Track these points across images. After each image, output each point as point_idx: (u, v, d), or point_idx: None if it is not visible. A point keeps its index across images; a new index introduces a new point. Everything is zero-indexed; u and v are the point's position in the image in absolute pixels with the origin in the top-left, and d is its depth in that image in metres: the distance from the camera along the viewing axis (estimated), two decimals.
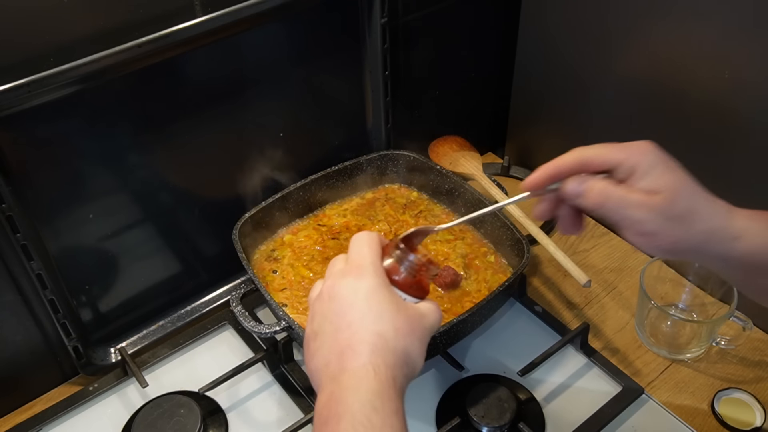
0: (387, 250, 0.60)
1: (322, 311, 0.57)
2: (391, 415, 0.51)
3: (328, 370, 0.54)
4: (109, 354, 0.94)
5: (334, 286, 0.57)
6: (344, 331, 0.55)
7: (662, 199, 0.56)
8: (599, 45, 1.01)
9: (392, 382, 0.52)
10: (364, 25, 0.97)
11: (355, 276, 0.57)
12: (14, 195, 0.76)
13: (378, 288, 0.56)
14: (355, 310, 0.55)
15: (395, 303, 0.56)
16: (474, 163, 1.12)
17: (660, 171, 0.57)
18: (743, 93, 0.85)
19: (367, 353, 0.53)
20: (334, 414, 0.51)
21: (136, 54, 0.75)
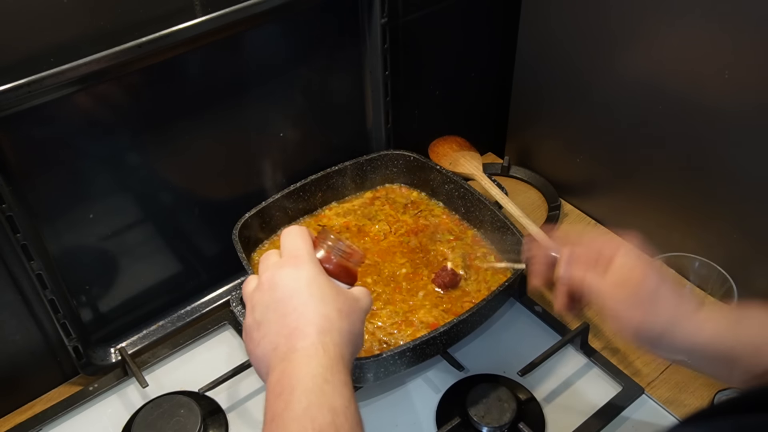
0: (317, 243, 0.65)
1: (264, 301, 0.61)
2: (340, 386, 0.55)
3: (277, 353, 0.57)
4: (109, 354, 0.94)
5: (273, 277, 0.61)
6: (290, 315, 0.58)
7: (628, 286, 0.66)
8: (599, 45, 1.01)
9: (340, 358, 0.57)
10: (364, 25, 0.97)
11: (293, 265, 0.61)
12: (14, 195, 0.76)
13: (317, 275, 0.61)
14: (299, 296, 0.59)
15: (334, 288, 0.61)
16: (474, 163, 1.12)
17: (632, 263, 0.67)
18: (743, 93, 0.85)
19: (314, 333, 0.57)
20: (287, 386, 0.54)
21: (136, 54, 0.75)
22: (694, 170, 0.96)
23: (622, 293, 0.66)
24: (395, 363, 0.83)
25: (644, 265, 0.67)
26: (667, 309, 0.65)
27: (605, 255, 0.68)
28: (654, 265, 0.67)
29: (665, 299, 0.65)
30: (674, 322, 0.64)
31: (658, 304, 0.65)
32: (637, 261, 0.67)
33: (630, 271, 0.66)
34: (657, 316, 0.65)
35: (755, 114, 0.85)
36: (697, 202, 0.98)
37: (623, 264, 0.67)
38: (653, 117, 0.98)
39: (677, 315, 0.64)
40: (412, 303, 0.93)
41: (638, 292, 0.65)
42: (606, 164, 1.10)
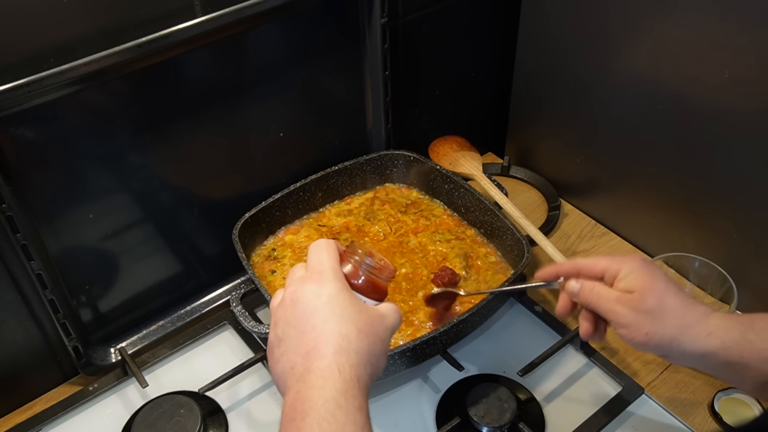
0: (345, 257, 0.63)
1: (286, 317, 0.59)
2: (354, 412, 0.53)
3: (294, 372, 0.56)
4: (109, 354, 0.94)
5: (296, 292, 0.60)
6: (308, 333, 0.57)
7: (635, 296, 0.66)
8: (599, 45, 1.01)
9: (356, 381, 0.55)
10: (364, 25, 0.97)
11: (316, 282, 0.59)
12: (14, 195, 0.76)
13: (339, 292, 0.59)
14: (319, 314, 0.57)
15: (356, 305, 0.59)
16: (474, 163, 1.12)
17: (637, 274, 0.67)
18: (743, 93, 0.85)
19: (331, 353, 0.55)
20: (299, 411, 0.53)
21: (136, 54, 0.75)
22: (694, 170, 0.96)
23: (628, 303, 0.66)
24: (395, 363, 0.83)
25: (649, 273, 0.67)
26: (674, 318, 0.65)
27: (609, 273, 0.69)
28: (660, 273, 0.68)
29: (672, 308, 0.65)
30: (683, 331, 0.65)
31: (664, 313, 0.65)
32: (641, 271, 0.67)
33: (635, 281, 0.67)
34: (664, 325, 0.65)
35: (755, 114, 0.85)
36: (697, 202, 0.98)
37: (628, 274, 0.67)
38: (653, 117, 0.98)
39: (685, 323, 0.65)
40: (412, 303, 0.93)
41: (644, 301, 0.66)
42: (606, 164, 1.10)
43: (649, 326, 0.65)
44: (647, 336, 0.65)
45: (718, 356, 0.64)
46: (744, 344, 0.63)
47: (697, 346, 0.64)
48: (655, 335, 0.65)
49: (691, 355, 0.65)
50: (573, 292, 0.71)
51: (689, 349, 0.65)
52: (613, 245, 1.11)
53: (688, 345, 0.65)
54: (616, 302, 0.67)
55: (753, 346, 0.63)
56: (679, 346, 0.65)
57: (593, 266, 0.71)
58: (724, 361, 0.64)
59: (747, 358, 0.63)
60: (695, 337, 0.64)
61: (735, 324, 0.64)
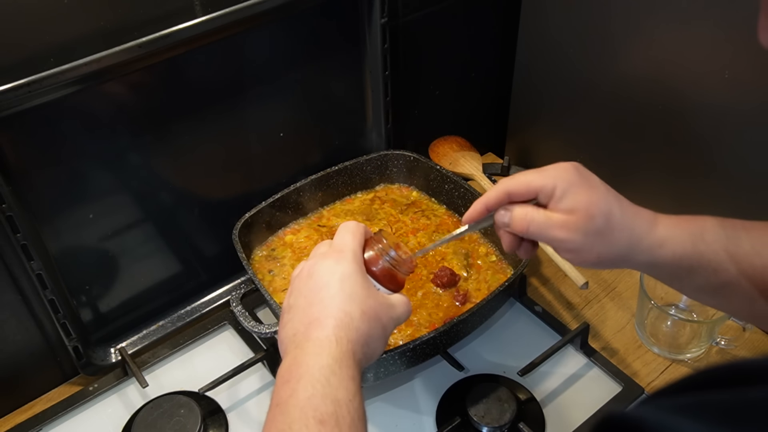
0: (370, 243, 0.65)
1: (300, 287, 0.62)
2: (347, 379, 0.55)
3: (295, 339, 0.59)
4: (109, 354, 0.94)
5: (314, 266, 0.63)
6: (315, 305, 0.60)
7: (578, 217, 0.60)
8: (599, 45, 1.01)
9: (351, 354, 0.57)
10: (364, 25, 0.97)
11: (334, 259, 0.62)
12: (14, 195, 0.76)
13: (353, 273, 0.61)
14: (329, 289, 0.60)
15: (366, 289, 0.61)
16: (474, 163, 1.12)
17: (576, 190, 0.60)
18: (743, 93, 0.85)
19: (332, 326, 0.58)
20: (295, 375, 0.55)
21: (136, 54, 0.75)
22: (695, 170, 0.96)
23: (572, 225, 0.60)
24: (395, 363, 0.83)
25: (588, 188, 0.61)
26: (623, 232, 0.61)
27: (546, 188, 0.61)
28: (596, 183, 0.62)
29: (619, 222, 0.61)
30: (634, 245, 0.61)
31: (613, 230, 0.60)
32: (579, 186, 0.61)
33: (575, 200, 0.60)
34: (615, 242, 0.61)
35: (755, 113, 0.85)
36: (697, 201, 0.98)
37: (565, 192, 0.61)
38: (653, 117, 0.98)
39: (635, 236, 0.61)
40: (412, 303, 0.93)
41: (590, 222, 0.60)
42: (606, 164, 1.10)
43: (600, 247, 0.61)
44: (599, 256, 0.61)
45: (669, 266, 0.62)
46: (694, 255, 0.61)
47: (648, 257, 0.61)
48: (607, 254, 0.61)
49: (641, 265, 0.63)
50: (503, 222, 0.64)
51: (641, 261, 0.62)
52: None
53: (639, 257, 0.61)
54: (559, 228, 0.60)
55: (702, 257, 0.61)
56: (631, 259, 0.62)
57: (525, 188, 0.62)
58: (673, 271, 0.62)
59: (695, 268, 0.61)
60: (647, 249, 0.61)
61: (685, 234, 0.62)
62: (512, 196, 0.63)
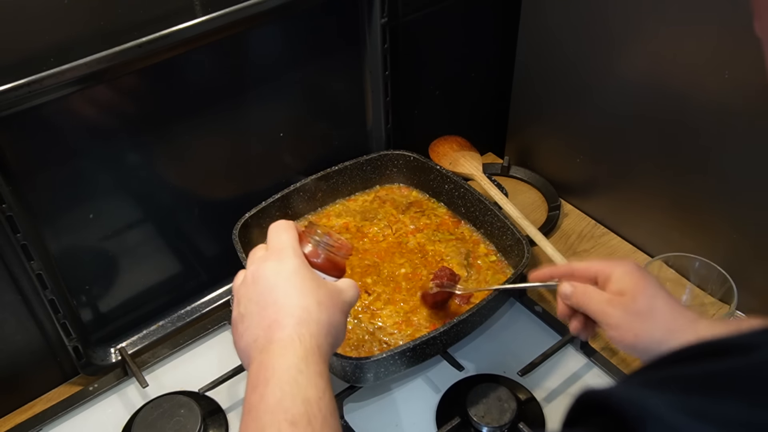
0: (304, 237, 0.66)
1: (248, 294, 0.62)
2: (315, 376, 0.56)
3: (257, 344, 0.59)
4: (109, 354, 0.94)
5: (257, 270, 0.63)
6: (270, 307, 0.60)
7: (626, 297, 0.67)
8: (599, 45, 1.01)
9: (316, 349, 0.58)
10: (364, 25, 0.97)
11: (276, 259, 0.63)
12: (14, 195, 0.76)
13: (299, 268, 0.62)
14: (279, 289, 0.61)
15: (315, 280, 0.62)
16: (474, 163, 1.12)
17: (629, 277, 0.68)
18: (743, 93, 0.85)
19: (292, 324, 0.58)
20: (262, 379, 0.55)
21: (136, 54, 0.75)
22: (694, 170, 0.96)
23: (619, 308, 0.67)
24: (395, 363, 0.83)
25: (640, 277, 0.68)
26: (663, 320, 0.66)
27: (602, 275, 0.70)
28: (650, 278, 0.68)
29: (662, 310, 0.66)
30: (671, 334, 0.65)
31: (654, 315, 0.66)
32: (633, 274, 0.68)
33: (626, 284, 0.67)
34: (654, 327, 0.65)
35: (755, 114, 0.85)
36: (697, 202, 0.98)
37: (620, 278, 0.68)
38: (653, 117, 0.98)
39: (674, 327, 0.65)
40: (412, 303, 0.93)
41: (634, 303, 0.66)
42: (606, 164, 1.10)
43: (639, 328, 0.65)
44: (636, 337, 0.65)
45: None
46: None
47: None
48: (643, 337, 0.65)
49: None
50: (565, 294, 0.72)
51: None
52: (613, 245, 1.11)
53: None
54: (607, 304, 0.68)
55: None
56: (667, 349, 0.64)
57: (587, 269, 0.72)
58: None
59: None
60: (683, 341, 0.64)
61: (722, 329, 0.65)
62: (575, 274, 0.72)
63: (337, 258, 0.67)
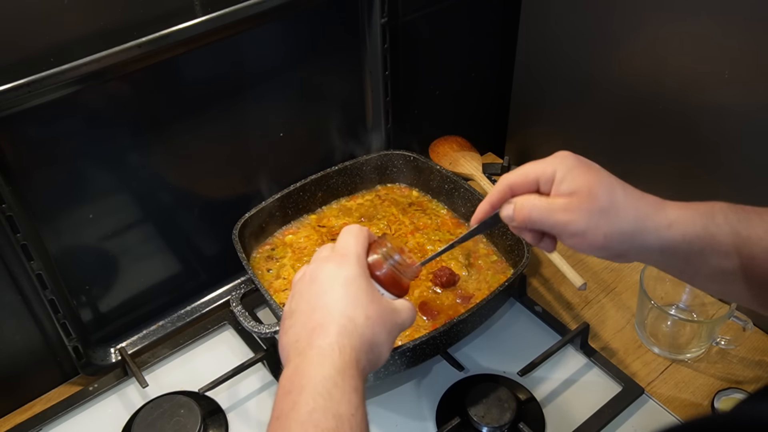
0: (374, 247, 0.64)
1: (302, 292, 0.61)
2: (350, 392, 0.54)
3: (297, 346, 0.57)
4: (109, 354, 0.94)
5: (316, 270, 0.61)
6: (318, 311, 0.58)
7: (581, 197, 0.58)
8: (599, 45, 1.01)
9: (355, 363, 0.56)
10: (364, 25, 0.97)
11: (337, 263, 0.61)
12: (14, 195, 0.76)
13: (357, 277, 0.60)
14: (333, 294, 0.59)
15: (371, 294, 0.60)
16: (474, 164, 1.12)
17: (576, 173, 0.59)
18: (743, 93, 0.85)
19: (335, 333, 0.56)
20: (297, 385, 0.54)
21: (136, 54, 0.75)
22: (694, 170, 0.96)
23: (576, 211, 0.58)
24: (395, 363, 0.83)
25: (587, 170, 0.60)
26: (630, 210, 0.58)
27: (545, 174, 0.60)
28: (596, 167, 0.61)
29: (625, 200, 0.59)
30: (641, 224, 0.58)
31: (618, 208, 0.58)
32: (579, 168, 0.60)
33: (576, 182, 0.59)
34: (621, 220, 0.58)
35: (755, 113, 0.85)
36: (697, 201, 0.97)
37: (565, 176, 0.59)
38: (653, 117, 0.98)
39: (642, 215, 0.58)
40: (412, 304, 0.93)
41: (594, 200, 0.58)
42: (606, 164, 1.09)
43: (606, 226, 0.58)
44: (606, 237, 0.58)
45: (679, 249, 0.58)
46: (706, 237, 0.58)
47: (657, 238, 0.58)
48: (613, 235, 0.58)
49: (650, 249, 0.59)
50: (508, 216, 0.62)
51: (649, 243, 0.58)
52: None
53: (648, 238, 0.58)
54: (562, 211, 0.58)
55: (714, 239, 0.58)
56: (639, 241, 0.58)
57: (524, 177, 0.61)
58: (684, 255, 0.59)
59: (707, 252, 0.58)
60: (655, 229, 0.58)
61: (695, 215, 0.59)
62: (514, 188, 0.62)
63: (401, 277, 0.64)
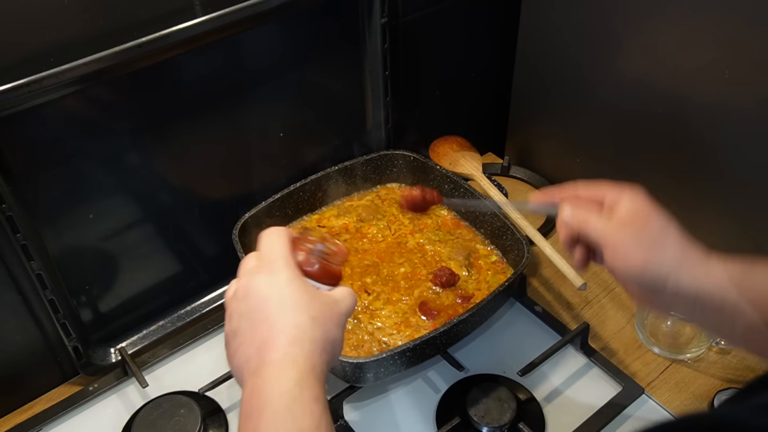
0: (296, 244, 0.62)
1: (239, 310, 0.58)
2: (310, 402, 0.53)
3: (249, 366, 0.56)
4: (109, 354, 0.94)
5: (248, 284, 0.59)
6: (262, 324, 0.56)
7: (636, 221, 0.63)
8: (599, 45, 1.01)
9: (311, 371, 0.54)
10: (364, 25, 0.97)
11: (267, 271, 0.59)
12: (14, 195, 0.76)
13: (291, 280, 0.58)
14: (271, 304, 0.57)
15: (309, 293, 0.58)
16: (474, 164, 1.12)
17: (639, 203, 0.64)
18: (743, 93, 0.85)
19: (284, 344, 0.55)
20: (255, 407, 0.53)
21: (136, 54, 0.75)
22: (695, 170, 0.96)
23: (628, 232, 0.62)
24: (395, 363, 0.83)
25: (650, 206, 0.64)
26: (674, 249, 0.61)
27: (610, 198, 0.65)
28: (660, 208, 0.64)
29: (672, 239, 0.62)
30: (681, 264, 0.61)
31: (665, 243, 0.61)
32: (642, 202, 0.64)
33: (635, 212, 0.63)
34: (664, 255, 0.61)
35: (755, 114, 0.85)
36: (697, 201, 0.98)
37: (628, 205, 0.64)
38: (653, 117, 0.98)
39: (685, 257, 0.61)
40: (411, 302, 0.93)
41: (645, 230, 0.62)
42: (606, 164, 1.10)
43: (648, 253, 0.61)
44: (644, 263, 0.61)
45: (713, 298, 0.60)
46: (743, 289, 0.59)
47: (693, 283, 0.60)
48: (652, 263, 0.61)
49: (685, 293, 0.61)
50: (566, 215, 0.67)
51: (684, 286, 0.60)
52: None
53: (684, 281, 0.60)
54: (615, 227, 0.63)
55: (752, 293, 0.59)
56: (675, 281, 0.60)
57: (593, 191, 0.67)
58: (718, 305, 0.60)
59: (742, 305, 0.59)
60: (694, 273, 0.60)
61: (735, 267, 0.60)
62: (580, 195, 0.68)
63: (332, 266, 0.62)
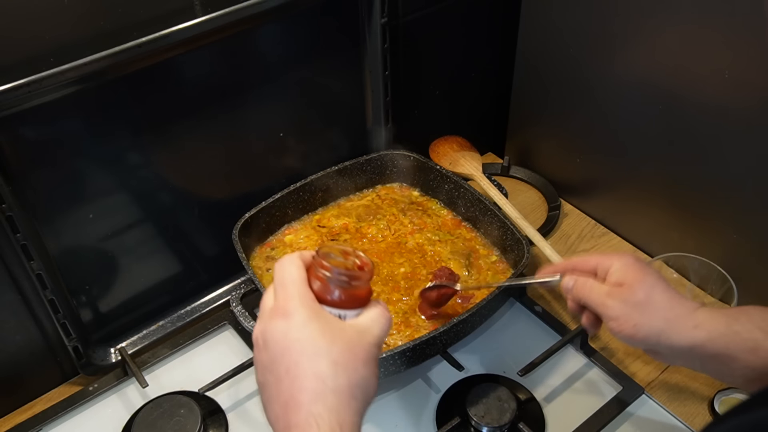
0: (312, 271, 0.56)
1: (262, 361, 0.56)
2: None
3: (277, 427, 0.54)
4: (109, 354, 0.94)
5: (265, 332, 0.55)
6: (283, 379, 0.53)
7: (624, 288, 0.69)
8: (599, 45, 1.01)
9: (337, 428, 0.51)
10: (364, 25, 0.97)
11: (281, 315, 0.55)
12: (14, 195, 0.76)
13: (307, 322, 0.54)
14: (290, 355, 0.53)
15: (328, 334, 0.54)
16: (474, 164, 1.12)
17: (628, 269, 0.69)
18: (743, 93, 0.85)
19: (306, 403, 0.52)
20: None
21: (136, 54, 0.75)
22: (694, 170, 0.96)
23: (618, 296, 0.68)
24: (395, 363, 0.83)
25: (639, 268, 0.69)
26: (662, 310, 0.67)
27: (601, 269, 0.72)
28: (649, 269, 0.70)
29: (660, 301, 0.67)
30: (670, 324, 0.66)
31: (652, 306, 0.67)
32: (632, 265, 0.70)
33: (624, 275, 0.69)
34: (652, 317, 0.67)
35: (755, 114, 0.85)
36: (696, 201, 0.98)
37: (618, 269, 0.70)
38: (653, 117, 0.98)
39: (672, 316, 0.66)
40: (411, 302, 0.93)
41: (632, 294, 0.68)
42: (606, 164, 1.10)
43: (638, 318, 0.67)
44: (635, 327, 0.67)
45: (705, 348, 0.65)
46: (729, 335, 0.64)
47: (684, 338, 0.66)
48: (642, 327, 0.67)
49: (678, 348, 0.66)
50: (567, 287, 0.74)
51: (676, 342, 0.66)
52: (613, 245, 1.11)
53: (675, 337, 0.66)
54: (606, 296, 0.69)
55: (738, 337, 0.64)
56: (666, 339, 0.66)
57: (586, 262, 0.74)
58: (712, 353, 0.65)
59: (733, 350, 0.64)
60: (682, 330, 0.66)
61: (720, 316, 0.66)
62: (576, 266, 0.75)
63: (353, 289, 0.55)
